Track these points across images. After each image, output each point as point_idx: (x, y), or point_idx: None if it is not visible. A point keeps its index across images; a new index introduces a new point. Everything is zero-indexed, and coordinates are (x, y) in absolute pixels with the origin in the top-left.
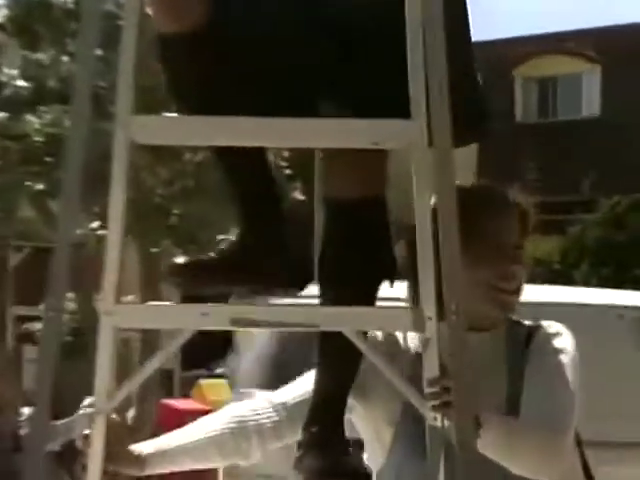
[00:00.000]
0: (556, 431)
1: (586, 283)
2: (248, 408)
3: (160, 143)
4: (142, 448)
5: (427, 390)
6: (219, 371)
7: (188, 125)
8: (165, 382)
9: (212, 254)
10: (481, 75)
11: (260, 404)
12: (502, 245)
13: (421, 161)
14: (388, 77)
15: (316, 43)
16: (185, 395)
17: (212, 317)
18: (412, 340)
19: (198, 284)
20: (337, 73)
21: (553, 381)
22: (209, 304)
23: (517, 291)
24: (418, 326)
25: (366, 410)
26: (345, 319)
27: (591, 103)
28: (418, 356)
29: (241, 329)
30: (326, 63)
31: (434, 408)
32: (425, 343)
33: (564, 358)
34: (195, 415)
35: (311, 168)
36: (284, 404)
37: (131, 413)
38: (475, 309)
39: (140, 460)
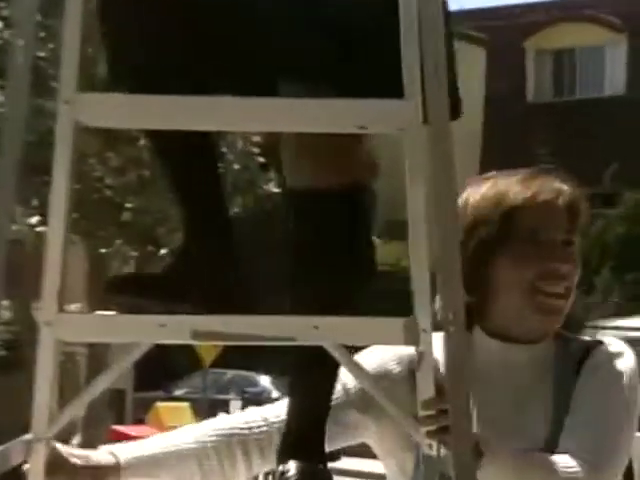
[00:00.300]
0: (594, 470)
1: (608, 290)
2: (237, 420)
3: (111, 126)
4: (117, 453)
5: (421, 413)
6: (180, 392)
7: (144, 105)
8: (116, 404)
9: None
10: (488, 47)
11: (252, 417)
12: (545, 242)
13: (415, 143)
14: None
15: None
16: (139, 420)
17: (170, 329)
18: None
19: (134, 303)
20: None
21: (604, 408)
22: (167, 315)
23: (565, 295)
24: (411, 339)
25: (379, 432)
26: (326, 331)
27: (615, 79)
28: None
29: (204, 343)
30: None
31: (429, 434)
32: (419, 358)
33: (624, 382)
34: None
35: None
36: (280, 420)
37: (76, 440)
38: (517, 316)
39: (115, 470)
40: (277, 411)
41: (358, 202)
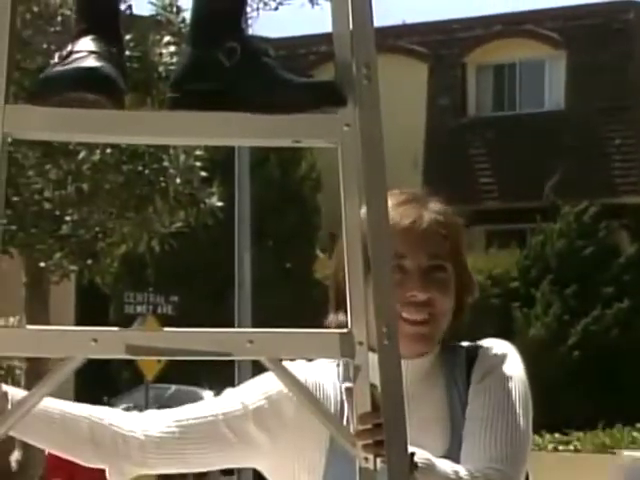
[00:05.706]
0: (508, 477)
1: (548, 304)
2: (141, 416)
3: (40, 138)
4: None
5: (358, 427)
6: (121, 407)
7: (75, 118)
8: None
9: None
10: (429, 62)
11: (162, 419)
12: (407, 269)
13: (349, 156)
14: None
15: None
16: None
17: (103, 344)
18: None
19: None
20: None
21: (502, 410)
22: (101, 328)
23: (429, 321)
24: (347, 352)
25: (274, 451)
26: (262, 346)
27: (554, 94)
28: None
29: (139, 358)
30: None
31: (365, 448)
32: (356, 372)
33: (516, 383)
34: None
35: (230, 169)
36: (181, 420)
37: (15, 456)
38: None
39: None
40: (183, 415)
41: None
